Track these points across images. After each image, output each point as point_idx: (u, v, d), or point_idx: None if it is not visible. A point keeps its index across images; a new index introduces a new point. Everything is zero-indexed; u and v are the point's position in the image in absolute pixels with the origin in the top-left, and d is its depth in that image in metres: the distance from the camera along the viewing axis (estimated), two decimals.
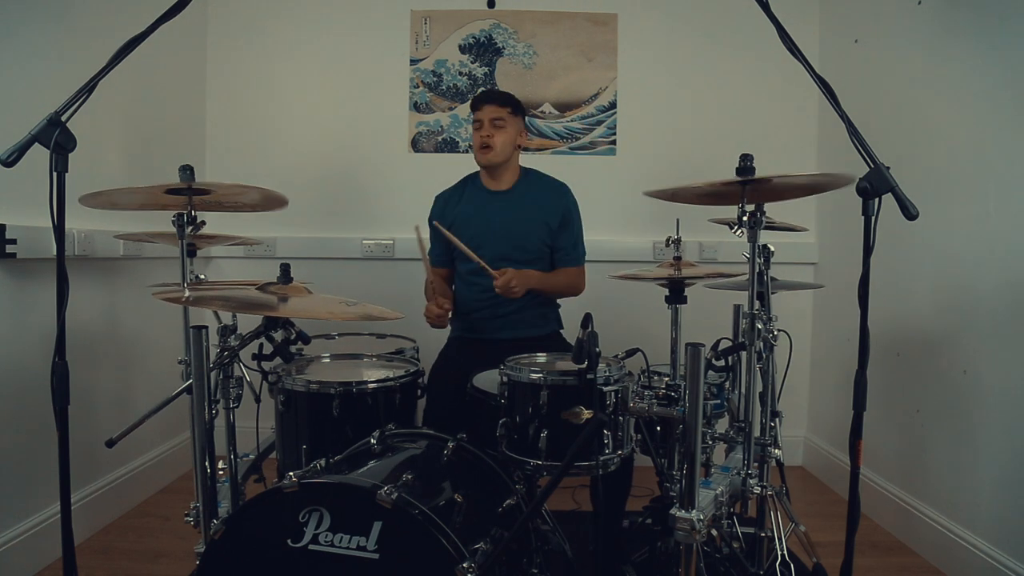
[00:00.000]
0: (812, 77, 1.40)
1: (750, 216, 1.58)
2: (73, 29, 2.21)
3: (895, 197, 1.31)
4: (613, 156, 3.21)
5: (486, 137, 2.24)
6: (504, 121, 2.24)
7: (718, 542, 1.82)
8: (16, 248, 1.92)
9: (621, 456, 1.58)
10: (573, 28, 3.19)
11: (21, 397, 1.98)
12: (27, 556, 2.00)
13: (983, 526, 2.02)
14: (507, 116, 2.25)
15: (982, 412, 2.04)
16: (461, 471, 1.60)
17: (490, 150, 2.25)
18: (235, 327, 1.54)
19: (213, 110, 3.20)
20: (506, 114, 2.24)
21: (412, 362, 1.97)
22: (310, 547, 1.24)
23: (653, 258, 3.15)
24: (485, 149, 2.25)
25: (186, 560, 2.12)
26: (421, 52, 3.19)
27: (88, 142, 1.40)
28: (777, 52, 1.45)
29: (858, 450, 1.42)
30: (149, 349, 2.67)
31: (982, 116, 2.08)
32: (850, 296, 1.42)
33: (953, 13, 2.23)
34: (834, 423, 2.98)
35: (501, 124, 2.24)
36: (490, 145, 2.24)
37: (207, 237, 2.03)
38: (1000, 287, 1.98)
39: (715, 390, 1.92)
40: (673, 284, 1.82)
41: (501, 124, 2.24)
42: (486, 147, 2.25)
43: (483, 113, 2.25)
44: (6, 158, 1.21)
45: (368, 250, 3.17)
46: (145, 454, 2.71)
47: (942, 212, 2.19)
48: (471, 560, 1.21)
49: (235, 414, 1.59)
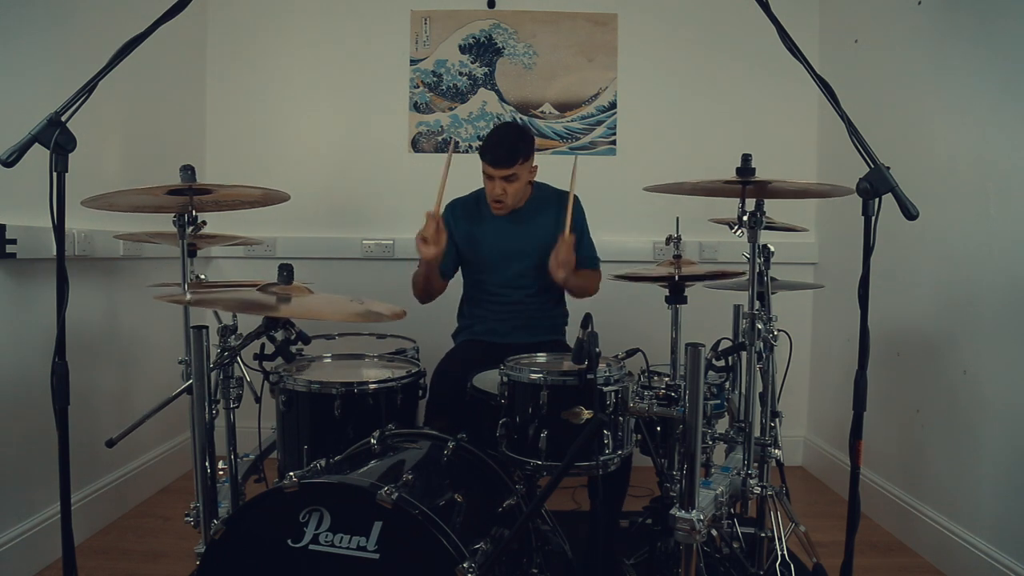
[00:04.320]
0: (812, 77, 1.40)
1: (750, 216, 1.59)
2: (73, 29, 2.21)
3: (895, 197, 1.31)
4: (613, 156, 3.21)
5: (500, 194, 2.22)
6: (516, 175, 2.20)
7: (718, 542, 1.82)
8: (16, 248, 1.92)
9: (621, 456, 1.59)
10: (573, 28, 3.19)
11: (21, 397, 1.98)
12: (27, 556, 2.00)
13: (983, 526, 2.02)
14: (519, 168, 2.20)
15: (982, 412, 2.04)
16: (461, 471, 1.60)
17: (503, 205, 2.25)
18: (235, 327, 1.54)
19: (213, 110, 3.19)
20: (517, 168, 2.19)
21: (413, 362, 1.97)
22: (310, 547, 1.24)
23: (653, 258, 3.15)
24: (498, 204, 2.24)
25: (186, 560, 2.11)
26: (421, 52, 3.19)
27: (88, 142, 1.40)
28: (777, 52, 1.45)
29: (858, 450, 1.42)
30: (149, 349, 2.67)
31: (982, 116, 2.08)
32: (850, 296, 1.42)
33: (953, 13, 2.22)
34: (834, 423, 2.97)
35: (514, 179, 2.20)
36: (503, 201, 2.23)
37: (207, 237, 2.03)
38: (1000, 287, 1.98)
39: (715, 390, 1.92)
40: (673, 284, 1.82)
41: (514, 179, 2.20)
42: (499, 202, 2.24)
43: (495, 172, 2.20)
44: (6, 158, 1.21)
45: (368, 250, 3.17)
46: (145, 454, 2.71)
47: (942, 212, 2.19)
48: (471, 560, 1.21)
49: (235, 414, 1.59)
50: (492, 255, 2.34)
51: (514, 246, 2.33)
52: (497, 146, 2.18)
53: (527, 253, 2.32)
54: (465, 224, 2.38)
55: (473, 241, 2.36)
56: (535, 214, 2.36)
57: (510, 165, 2.17)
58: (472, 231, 2.37)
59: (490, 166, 2.19)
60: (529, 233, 2.33)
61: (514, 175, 2.19)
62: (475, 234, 2.36)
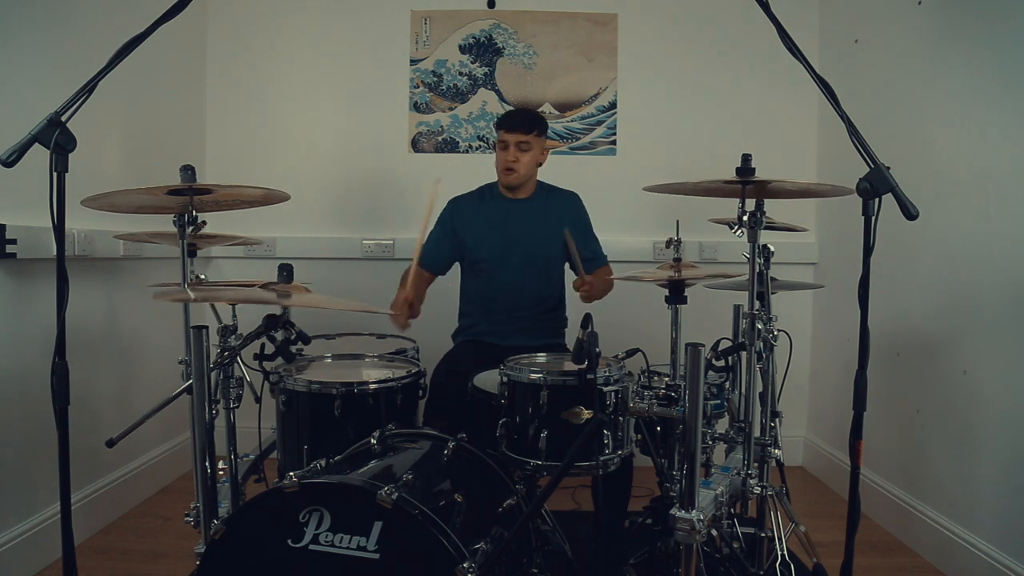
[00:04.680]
0: (812, 77, 1.40)
1: (750, 216, 1.58)
2: (73, 29, 2.21)
3: (895, 197, 1.31)
4: (613, 156, 3.21)
5: (511, 161, 2.28)
6: (529, 144, 2.28)
7: (718, 542, 1.82)
8: (16, 248, 1.92)
9: (621, 456, 1.58)
10: (573, 28, 3.19)
11: (21, 397, 1.98)
12: (27, 556, 2.00)
13: (983, 526, 2.02)
14: (532, 139, 2.28)
15: (982, 412, 2.04)
16: (461, 471, 1.60)
17: (514, 172, 2.30)
18: (235, 327, 1.54)
19: (213, 110, 3.19)
20: (532, 137, 2.28)
21: (413, 362, 1.97)
22: (310, 547, 1.24)
23: (653, 258, 3.14)
24: (509, 171, 2.30)
25: (186, 560, 2.11)
26: (421, 52, 3.19)
27: (88, 142, 1.40)
28: (777, 52, 1.45)
29: (858, 450, 1.42)
30: (149, 349, 2.67)
31: (982, 116, 2.08)
32: (850, 296, 1.42)
33: (953, 13, 2.23)
34: (834, 423, 2.97)
35: (527, 147, 2.28)
36: (514, 168, 2.29)
37: (207, 237, 2.02)
38: (1000, 287, 1.98)
39: (715, 390, 1.92)
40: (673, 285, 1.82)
41: (527, 147, 2.28)
42: (510, 170, 2.30)
43: (510, 136, 2.28)
44: (6, 158, 1.21)
45: (368, 250, 3.17)
46: (145, 454, 2.71)
47: (942, 212, 2.19)
48: (471, 560, 1.21)
49: (235, 414, 1.58)
50: (494, 239, 2.36)
51: (516, 230, 2.35)
52: (516, 112, 2.39)
53: (528, 241, 2.34)
54: (468, 212, 2.41)
55: (475, 225, 2.38)
56: (541, 206, 2.38)
57: (526, 132, 2.27)
58: (475, 217, 2.39)
59: (506, 131, 2.29)
60: (531, 222, 2.36)
61: (527, 143, 2.27)
62: (478, 219, 2.38)
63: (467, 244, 2.39)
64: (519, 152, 2.27)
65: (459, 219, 2.39)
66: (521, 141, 2.26)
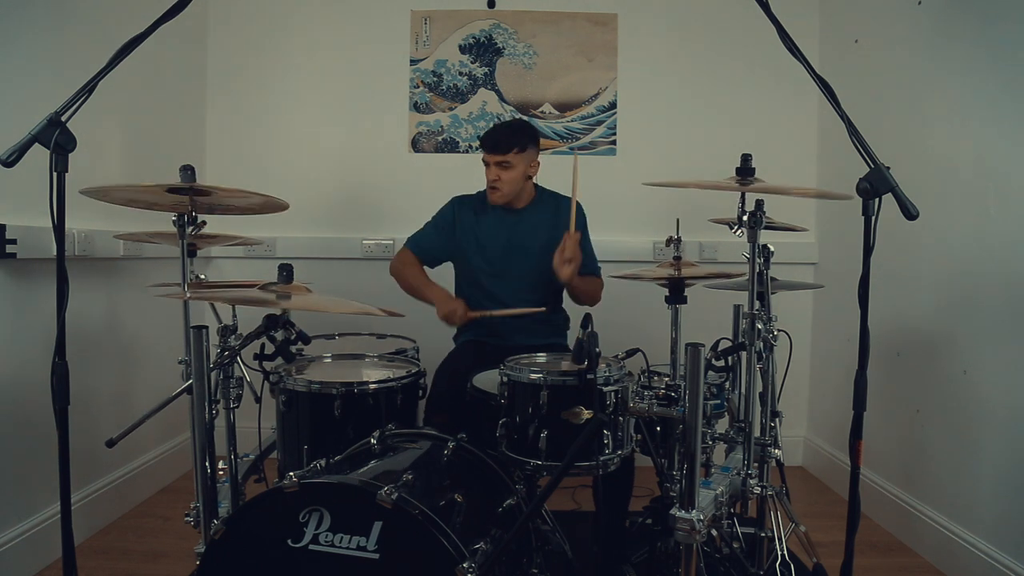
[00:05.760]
0: (812, 77, 1.40)
1: (750, 216, 1.58)
2: (73, 29, 2.21)
3: (895, 197, 1.31)
4: (613, 156, 3.21)
5: (493, 180, 2.28)
6: (510, 163, 2.26)
7: (718, 542, 1.82)
8: (16, 248, 1.92)
9: (621, 456, 1.58)
10: (573, 28, 3.19)
11: (21, 397, 1.98)
12: (27, 556, 2.00)
13: (983, 526, 2.02)
14: (513, 157, 2.25)
15: (982, 412, 2.04)
16: (461, 471, 1.60)
17: (497, 191, 2.30)
18: (235, 327, 1.54)
19: (213, 110, 3.19)
20: (512, 156, 2.25)
21: (413, 362, 1.97)
22: (310, 547, 1.24)
23: (653, 258, 3.15)
24: (493, 190, 2.30)
25: (186, 560, 2.11)
26: (421, 52, 3.19)
27: (88, 142, 1.40)
28: (777, 52, 1.45)
29: (858, 450, 1.42)
30: (149, 349, 2.67)
31: (982, 116, 2.08)
32: (850, 296, 1.42)
33: (953, 14, 2.23)
34: (834, 423, 2.97)
35: (507, 166, 2.26)
36: (497, 187, 2.29)
37: (207, 237, 2.03)
38: (1000, 287, 1.98)
39: (715, 390, 1.92)
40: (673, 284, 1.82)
41: (507, 166, 2.26)
42: (494, 188, 2.30)
43: (490, 158, 2.28)
44: (6, 158, 1.22)
45: (368, 250, 3.17)
46: (145, 454, 2.71)
47: (942, 212, 2.19)
48: (471, 560, 1.21)
49: (235, 414, 1.58)
50: (492, 250, 2.35)
51: (514, 242, 2.35)
52: (493, 132, 2.31)
53: (526, 251, 2.33)
54: (468, 218, 2.40)
55: (474, 234, 2.37)
56: (538, 214, 2.37)
57: (503, 152, 2.25)
58: (474, 226, 2.39)
59: (485, 152, 2.29)
60: (530, 232, 2.35)
61: (507, 163, 2.26)
62: (477, 228, 2.38)
63: (465, 253, 2.38)
64: (500, 170, 2.26)
65: (459, 223, 2.39)
66: (500, 161, 2.25)
